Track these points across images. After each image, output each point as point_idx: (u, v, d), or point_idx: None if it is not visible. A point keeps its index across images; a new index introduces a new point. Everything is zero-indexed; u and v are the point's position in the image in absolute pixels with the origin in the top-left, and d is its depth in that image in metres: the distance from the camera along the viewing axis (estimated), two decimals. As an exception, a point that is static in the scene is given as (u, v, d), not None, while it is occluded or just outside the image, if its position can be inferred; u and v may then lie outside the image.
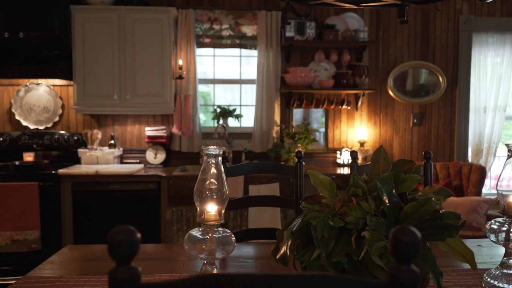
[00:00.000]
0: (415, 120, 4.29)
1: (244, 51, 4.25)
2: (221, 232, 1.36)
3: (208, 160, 1.35)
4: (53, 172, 3.45)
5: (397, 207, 1.27)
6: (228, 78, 4.38)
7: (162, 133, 3.99)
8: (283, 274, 0.56)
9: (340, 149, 4.15)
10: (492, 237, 1.46)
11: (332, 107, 4.11)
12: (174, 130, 3.98)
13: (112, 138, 4.01)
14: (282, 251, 1.29)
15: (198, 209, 1.36)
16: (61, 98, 4.07)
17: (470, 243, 1.96)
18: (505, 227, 1.44)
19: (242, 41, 4.14)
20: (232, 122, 4.25)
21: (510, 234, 1.44)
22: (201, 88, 4.37)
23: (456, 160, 4.29)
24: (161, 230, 3.51)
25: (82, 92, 3.75)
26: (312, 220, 1.23)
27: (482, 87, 4.29)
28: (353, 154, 2.22)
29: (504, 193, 1.46)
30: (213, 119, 4.15)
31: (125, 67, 3.75)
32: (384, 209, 1.25)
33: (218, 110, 4.13)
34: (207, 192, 1.34)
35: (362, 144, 4.12)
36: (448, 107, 4.32)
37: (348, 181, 1.31)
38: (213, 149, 1.33)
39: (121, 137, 4.13)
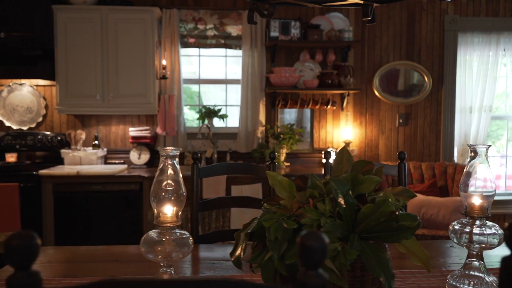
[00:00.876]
0: (400, 120, 4.28)
1: (231, 51, 4.24)
2: (178, 234, 1.35)
3: (165, 161, 1.33)
4: (34, 173, 3.43)
5: (354, 208, 1.26)
6: (214, 78, 4.37)
7: (146, 133, 3.97)
8: (184, 279, 0.55)
9: (325, 149, 4.14)
10: (455, 238, 1.44)
11: (317, 107, 4.09)
12: (158, 130, 3.96)
13: (96, 138, 3.99)
14: (236, 253, 1.27)
15: (155, 211, 1.34)
16: (44, 98, 4.04)
17: (443, 244, 1.96)
18: (468, 228, 1.43)
19: (227, 41, 4.13)
20: (218, 122, 4.24)
21: (473, 236, 1.43)
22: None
23: (442, 160, 4.29)
24: (143, 231, 3.49)
25: (64, 92, 3.73)
26: (264, 222, 1.21)
27: (468, 87, 4.28)
28: (327, 155, 2.21)
29: (466, 194, 1.45)
30: (198, 119, 4.13)
31: (108, 67, 3.73)
32: (339, 211, 1.24)
33: (204, 110, 4.11)
34: (163, 194, 1.32)
35: (347, 144, 4.10)
36: (434, 107, 4.31)
37: (309, 182, 1.29)
38: (169, 150, 1.32)
39: (106, 137, 4.11)
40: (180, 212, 1.36)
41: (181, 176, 1.35)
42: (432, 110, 4.31)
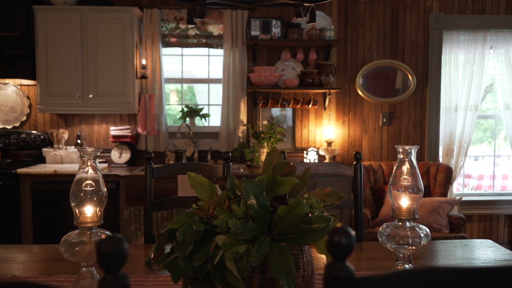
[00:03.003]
0: (384, 120, 4.24)
1: (215, 51, 4.24)
2: (99, 234, 1.36)
3: (85, 161, 1.34)
4: (13, 171, 3.47)
5: (269, 210, 1.25)
6: (196, 78, 4.37)
7: (126, 132, 3.99)
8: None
9: (307, 149, 4.12)
10: (382, 240, 1.42)
11: (298, 106, 4.08)
12: (139, 129, 3.98)
13: (78, 137, 4.03)
14: (149, 255, 1.28)
15: (75, 211, 1.35)
16: (28, 97, 4.09)
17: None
18: (396, 231, 1.41)
19: (208, 40, 4.13)
20: (200, 122, 4.24)
21: (400, 239, 1.40)
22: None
23: (426, 160, 4.24)
24: (120, 230, 3.52)
25: (45, 91, 3.77)
26: (171, 224, 1.21)
27: (453, 86, 4.22)
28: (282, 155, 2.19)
29: (394, 195, 1.43)
30: (180, 118, 4.14)
31: (88, 67, 3.75)
32: (251, 213, 1.24)
33: (186, 109, 4.12)
34: (82, 194, 1.33)
35: (329, 143, 4.08)
36: (418, 106, 4.26)
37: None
38: (89, 151, 1.32)
39: (88, 136, 4.14)
40: (99, 212, 1.36)
41: (101, 176, 1.36)
42: (416, 109, 4.27)
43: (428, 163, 3.99)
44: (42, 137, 3.98)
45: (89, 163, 1.32)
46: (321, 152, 4.07)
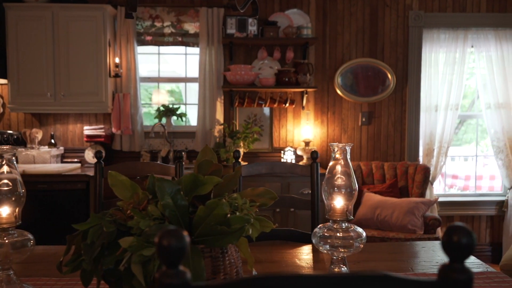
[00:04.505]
0: (363, 119, 4.18)
1: (192, 49, 4.18)
2: (15, 235, 1.30)
3: (1, 161, 1.28)
4: (-19, 171, 3.41)
5: (187, 210, 1.20)
6: (173, 77, 4.32)
7: (100, 132, 3.94)
8: None
9: (284, 149, 4.06)
10: (316, 242, 1.36)
11: (275, 105, 4.02)
12: (113, 129, 3.92)
13: (52, 137, 3.97)
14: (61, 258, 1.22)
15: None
16: (1, 97, 4.03)
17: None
18: (330, 233, 1.35)
19: (184, 39, 4.07)
20: (180, 121, 4.18)
21: (335, 241, 1.34)
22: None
23: (406, 160, 4.18)
24: (90, 231, 3.46)
25: (16, 91, 3.71)
26: (79, 225, 1.16)
27: (434, 85, 4.16)
28: (236, 154, 2.13)
29: (328, 196, 1.36)
30: (156, 117, 4.08)
31: (59, 66, 3.70)
32: (166, 213, 1.18)
33: (162, 108, 4.06)
34: (-3, 194, 1.27)
35: (307, 143, 4.02)
36: (398, 105, 4.20)
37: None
38: (4, 148, 1.27)
39: (63, 136, 4.09)
40: (18, 213, 1.30)
41: (19, 175, 1.30)
42: (396, 108, 4.20)
43: (407, 163, 3.92)
44: (15, 136, 3.92)
45: (3, 162, 1.26)
46: (299, 152, 4.01)
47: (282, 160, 4.03)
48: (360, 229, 1.33)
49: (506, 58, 4.13)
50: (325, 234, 1.34)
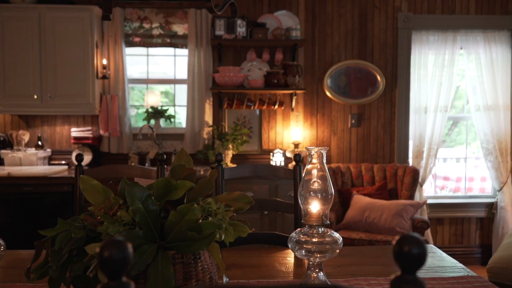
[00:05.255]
0: (353, 121, 4.17)
1: (181, 51, 4.15)
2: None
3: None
4: (-35, 174, 3.38)
5: (158, 216, 1.18)
6: (162, 78, 4.29)
7: (88, 134, 3.90)
8: None
9: (273, 151, 4.04)
10: (291, 247, 1.35)
11: (264, 107, 4.00)
12: (101, 131, 3.89)
13: (39, 139, 3.93)
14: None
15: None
16: (-12, 98, 3.99)
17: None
18: (306, 238, 1.33)
19: (173, 40, 4.05)
20: (170, 124, 4.16)
21: (311, 246, 1.32)
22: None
23: (396, 162, 4.17)
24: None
25: (2, 92, 3.67)
26: (46, 231, 1.13)
27: (423, 87, 4.16)
28: (218, 157, 2.12)
29: (304, 200, 1.35)
30: (144, 119, 4.06)
31: (46, 67, 3.67)
32: (137, 219, 1.16)
33: (150, 110, 4.03)
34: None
35: (296, 145, 4.01)
36: (387, 107, 4.20)
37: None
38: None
39: (50, 138, 4.05)
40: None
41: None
42: (386, 110, 4.20)
43: (396, 165, 3.92)
44: (1, 138, 3.88)
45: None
46: (288, 154, 3.99)
47: (271, 162, 4.01)
48: (336, 234, 1.32)
49: (495, 60, 4.14)
50: (301, 239, 1.32)
